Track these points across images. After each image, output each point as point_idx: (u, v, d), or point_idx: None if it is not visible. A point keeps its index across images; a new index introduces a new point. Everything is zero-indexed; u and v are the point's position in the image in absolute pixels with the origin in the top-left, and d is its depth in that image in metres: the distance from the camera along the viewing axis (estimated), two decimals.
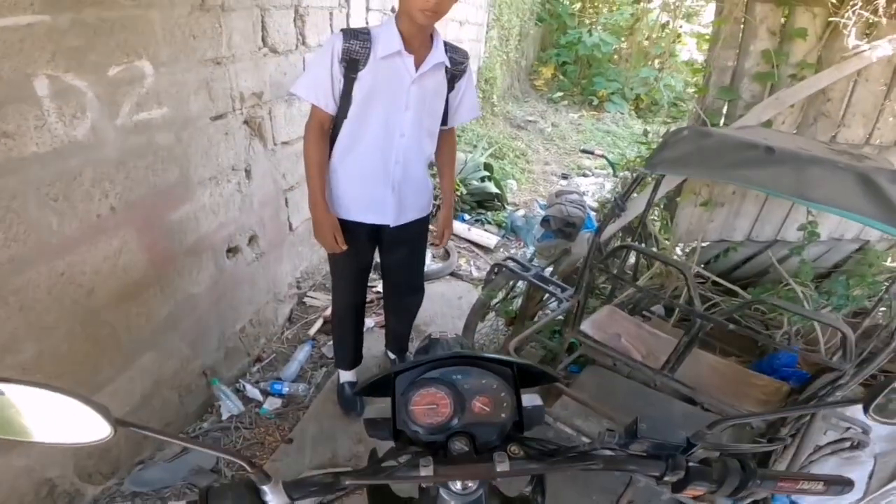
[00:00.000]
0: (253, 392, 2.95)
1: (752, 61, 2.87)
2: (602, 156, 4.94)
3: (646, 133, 4.19)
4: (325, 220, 2.27)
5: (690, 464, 0.87)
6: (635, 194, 2.76)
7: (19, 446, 1.84)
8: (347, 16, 3.68)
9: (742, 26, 2.88)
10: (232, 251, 2.82)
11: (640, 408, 2.23)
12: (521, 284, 3.21)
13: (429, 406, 0.94)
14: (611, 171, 4.91)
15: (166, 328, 2.42)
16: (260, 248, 3.08)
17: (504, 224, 5.29)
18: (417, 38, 2.06)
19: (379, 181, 2.27)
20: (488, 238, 4.91)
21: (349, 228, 2.34)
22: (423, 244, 2.72)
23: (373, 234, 2.46)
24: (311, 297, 3.78)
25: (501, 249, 4.91)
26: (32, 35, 1.62)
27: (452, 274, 4.32)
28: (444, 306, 3.90)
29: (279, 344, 3.40)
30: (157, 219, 2.26)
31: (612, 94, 11.35)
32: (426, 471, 0.84)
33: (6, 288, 1.70)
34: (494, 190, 5.53)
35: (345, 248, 2.32)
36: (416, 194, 2.39)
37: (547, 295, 2.92)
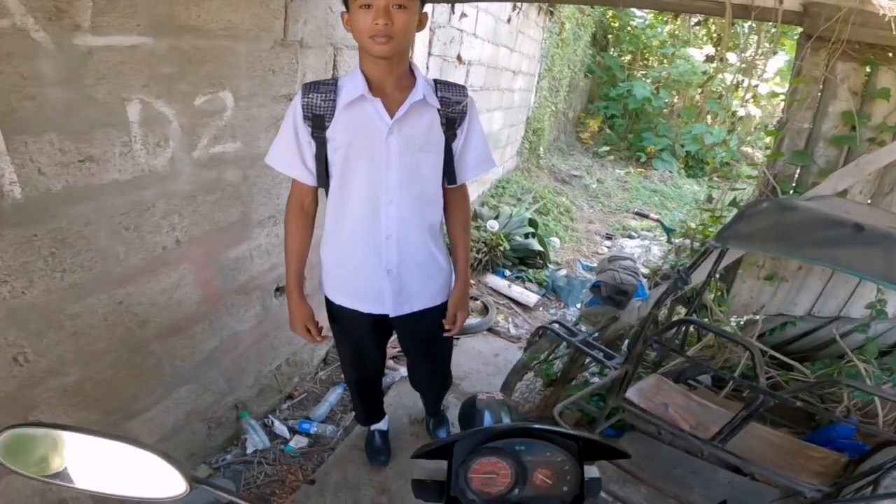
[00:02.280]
0: (281, 429, 2.91)
1: (831, 123, 2.74)
2: (657, 220, 4.85)
3: (710, 199, 4.07)
4: (296, 311, 2.01)
5: None
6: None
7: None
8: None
9: (821, 86, 2.76)
10: (280, 290, 2.80)
11: (683, 476, 2.17)
12: (563, 347, 3.12)
13: (488, 475, 0.91)
14: (659, 233, 4.79)
15: (208, 363, 2.40)
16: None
17: (545, 283, 5.20)
18: (389, 80, 1.70)
19: (370, 263, 1.91)
20: (528, 296, 4.84)
21: (344, 315, 2.07)
22: (444, 342, 2.30)
23: (378, 322, 2.08)
24: None
25: (541, 308, 4.84)
26: (133, 58, 1.64)
27: (490, 330, 4.23)
28: (480, 363, 3.80)
29: (312, 384, 3.35)
30: (216, 255, 2.25)
31: (662, 150, 11.05)
32: None
33: (64, 312, 1.70)
34: (538, 248, 5.44)
35: (319, 339, 2.06)
36: (421, 277, 1.99)
37: (589, 359, 2.83)
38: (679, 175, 10.57)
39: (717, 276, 3.15)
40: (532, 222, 5.71)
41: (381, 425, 2.84)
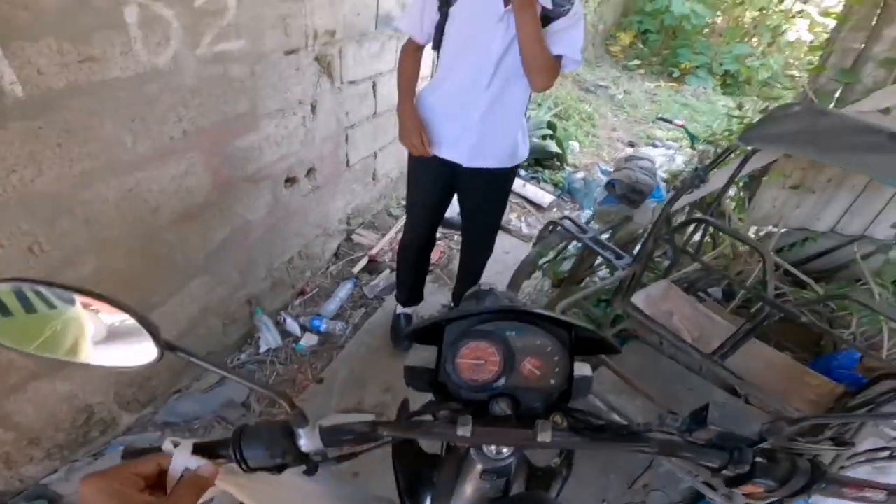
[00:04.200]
0: (293, 326, 3.01)
1: (884, 46, 2.67)
2: (682, 126, 4.73)
3: (741, 106, 3.97)
4: (410, 121, 2.31)
5: (757, 459, 0.79)
6: (715, 169, 2.57)
7: (66, 370, 1.96)
8: None
9: (879, 9, 2.67)
10: (290, 181, 2.86)
11: (679, 392, 2.17)
12: (573, 246, 3.11)
13: (476, 361, 0.89)
14: (685, 143, 4.66)
15: (220, 253, 2.49)
16: (317, 180, 3.12)
17: (561, 184, 5.18)
18: None
19: (460, 114, 2.27)
20: (543, 196, 4.83)
21: (425, 162, 2.40)
22: (500, 202, 2.67)
23: (447, 176, 2.45)
24: (360, 235, 3.82)
25: (555, 209, 4.84)
26: None
27: (502, 228, 4.15)
28: (490, 260, 3.83)
29: (323, 279, 3.46)
30: (224, 145, 2.31)
31: (698, 67, 10.52)
32: (464, 430, 0.77)
33: (74, 199, 1.75)
34: (555, 149, 5.38)
35: (430, 150, 2.34)
36: (497, 137, 2.33)
37: (599, 261, 2.81)
38: (714, 91, 10.10)
39: (741, 183, 3.14)
40: (551, 125, 5.64)
41: (410, 310, 3.03)
